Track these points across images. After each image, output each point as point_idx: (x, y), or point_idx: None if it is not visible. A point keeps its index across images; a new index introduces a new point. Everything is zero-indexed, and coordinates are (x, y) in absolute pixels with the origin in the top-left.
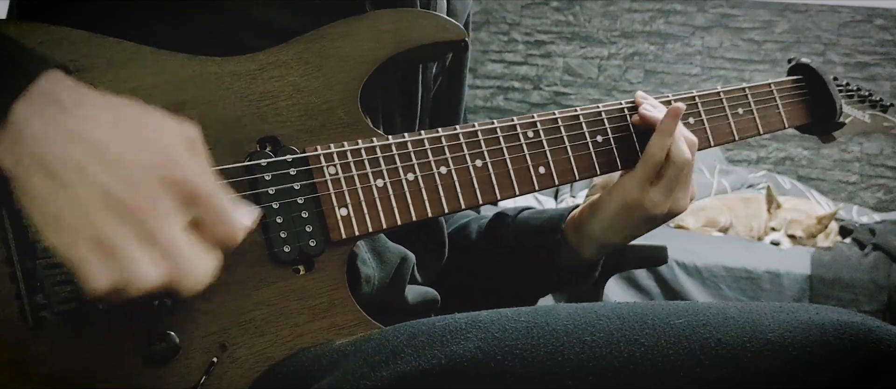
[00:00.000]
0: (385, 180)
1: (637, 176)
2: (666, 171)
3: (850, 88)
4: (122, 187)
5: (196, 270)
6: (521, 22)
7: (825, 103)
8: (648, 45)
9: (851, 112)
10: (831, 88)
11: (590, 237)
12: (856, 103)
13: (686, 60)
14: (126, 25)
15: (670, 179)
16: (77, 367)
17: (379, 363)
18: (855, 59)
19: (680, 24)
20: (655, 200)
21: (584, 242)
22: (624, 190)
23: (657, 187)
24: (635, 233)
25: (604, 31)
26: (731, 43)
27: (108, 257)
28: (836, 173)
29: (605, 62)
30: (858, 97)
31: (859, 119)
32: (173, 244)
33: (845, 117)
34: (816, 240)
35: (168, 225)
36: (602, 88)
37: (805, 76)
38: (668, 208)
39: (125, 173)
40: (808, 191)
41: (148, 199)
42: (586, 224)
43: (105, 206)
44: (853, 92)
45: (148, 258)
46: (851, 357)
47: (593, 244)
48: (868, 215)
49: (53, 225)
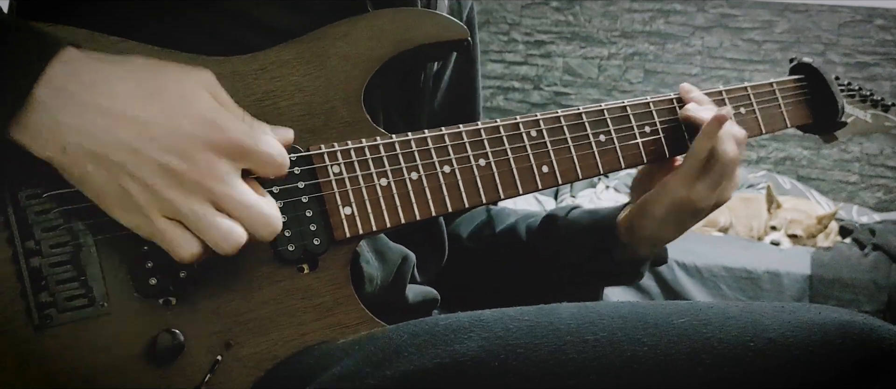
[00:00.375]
0: (389, 179)
1: (682, 175)
2: (712, 167)
3: (851, 88)
4: (178, 162)
5: (269, 216)
6: (521, 22)
7: (827, 103)
8: (648, 45)
9: (853, 112)
10: (833, 87)
11: (643, 236)
12: (857, 103)
13: (686, 60)
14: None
15: (716, 174)
16: (81, 366)
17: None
18: (855, 59)
19: (680, 24)
20: (702, 194)
21: (638, 240)
22: (671, 189)
23: (703, 183)
24: (685, 227)
25: (604, 31)
26: (731, 43)
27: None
28: (836, 172)
29: (605, 62)
30: (860, 97)
31: (861, 119)
32: (243, 199)
33: (847, 117)
34: (816, 240)
35: (231, 185)
36: (602, 88)
37: (807, 76)
38: (715, 200)
39: (176, 148)
40: (808, 191)
41: (205, 167)
42: (637, 224)
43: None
44: (855, 91)
45: (227, 221)
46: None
47: (647, 242)
48: (868, 215)
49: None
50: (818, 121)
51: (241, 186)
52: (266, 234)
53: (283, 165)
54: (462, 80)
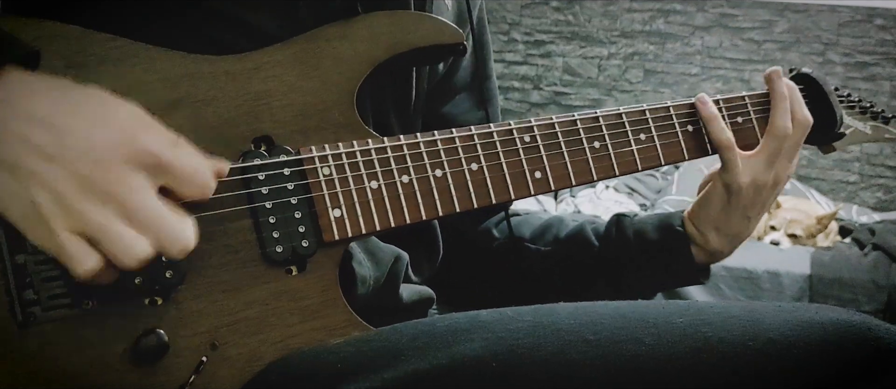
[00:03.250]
0: (379, 182)
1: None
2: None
3: (851, 99)
4: (92, 170)
5: (180, 233)
6: (520, 21)
7: (826, 113)
8: (648, 45)
9: (852, 123)
10: (832, 98)
11: (709, 226)
12: (857, 114)
13: (686, 60)
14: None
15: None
16: (65, 365)
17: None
18: (855, 59)
19: (680, 23)
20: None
21: (707, 232)
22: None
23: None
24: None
25: (603, 31)
26: (730, 43)
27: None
28: (836, 172)
29: (604, 62)
30: (860, 108)
31: (860, 130)
32: (152, 213)
33: (846, 128)
34: (816, 240)
35: (143, 197)
36: (602, 88)
37: (806, 86)
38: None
39: (91, 156)
40: (808, 191)
41: (118, 177)
42: (702, 216)
43: (79, 191)
44: (855, 103)
45: (132, 233)
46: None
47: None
48: (868, 215)
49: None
50: (816, 131)
51: (153, 200)
52: (175, 251)
53: (205, 186)
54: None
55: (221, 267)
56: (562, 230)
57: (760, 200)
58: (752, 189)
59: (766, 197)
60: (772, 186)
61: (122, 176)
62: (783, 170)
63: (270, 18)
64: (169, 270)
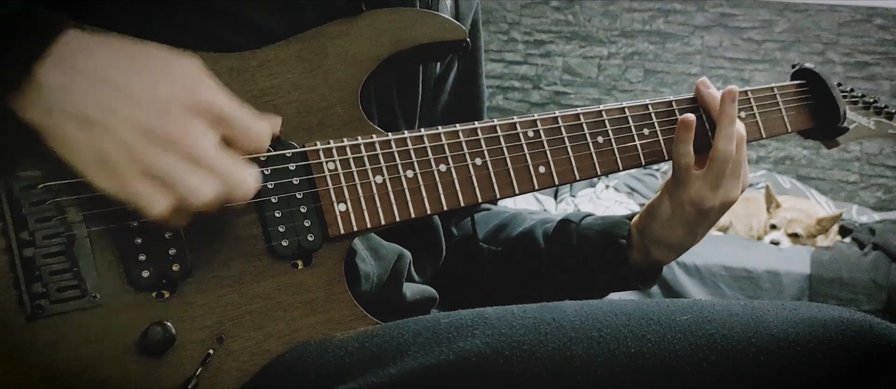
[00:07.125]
0: (384, 177)
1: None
2: (711, 166)
3: (854, 94)
4: (156, 119)
5: (244, 178)
6: (520, 21)
7: (829, 108)
8: (648, 45)
9: (856, 118)
10: (835, 93)
11: (651, 239)
12: (860, 109)
13: (686, 60)
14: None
15: (715, 172)
16: (73, 357)
17: (385, 361)
18: (855, 58)
19: (679, 23)
20: (703, 194)
21: (649, 244)
22: (673, 189)
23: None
24: (695, 228)
25: (603, 31)
26: (730, 42)
27: (163, 184)
28: (836, 172)
29: (604, 62)
30: (863, 103)
31: (864, 125)
32: (216, 160)
33: (849, 123)
34: (816, 240)
35: (206, 145)
36: (602, 88)
37: (809, 81)
38: (719, 200)
39: (154, 107)
40: (808, 190)
41: (181, 125)
42: (646, 227)
43: (145, 139)
44: (858, 98)
45: (199, 176)
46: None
47: (658, 245)
48: (868, 215)
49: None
50: (819, 126)
51: (217, 147)
52: (240, 195)
53: (262, 138)
54: (467, 80)
55: (228, 261)
56: (514, 230)
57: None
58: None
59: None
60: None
61: (186, 124)
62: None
63: (275, 18)
64: (176, 264)
